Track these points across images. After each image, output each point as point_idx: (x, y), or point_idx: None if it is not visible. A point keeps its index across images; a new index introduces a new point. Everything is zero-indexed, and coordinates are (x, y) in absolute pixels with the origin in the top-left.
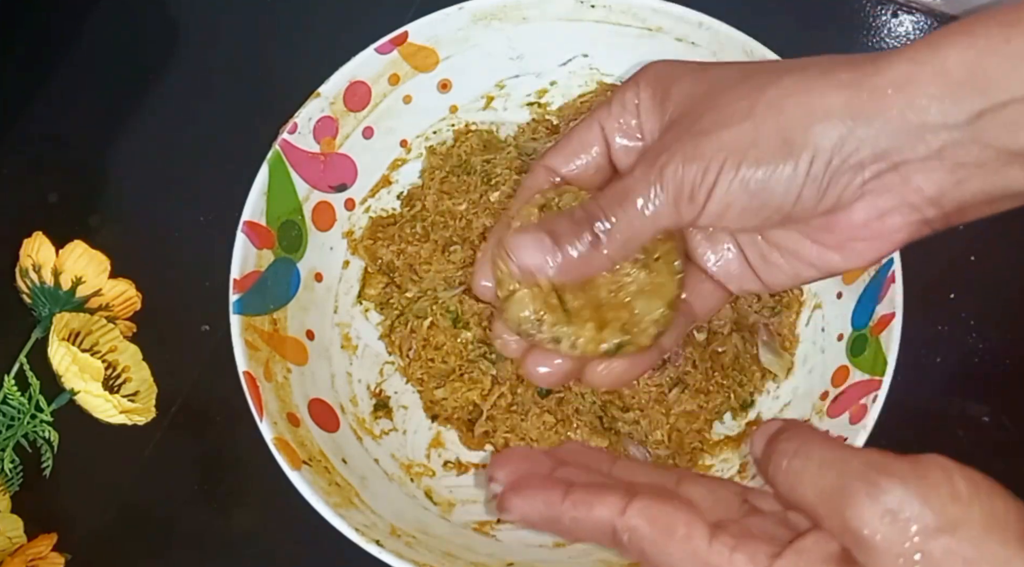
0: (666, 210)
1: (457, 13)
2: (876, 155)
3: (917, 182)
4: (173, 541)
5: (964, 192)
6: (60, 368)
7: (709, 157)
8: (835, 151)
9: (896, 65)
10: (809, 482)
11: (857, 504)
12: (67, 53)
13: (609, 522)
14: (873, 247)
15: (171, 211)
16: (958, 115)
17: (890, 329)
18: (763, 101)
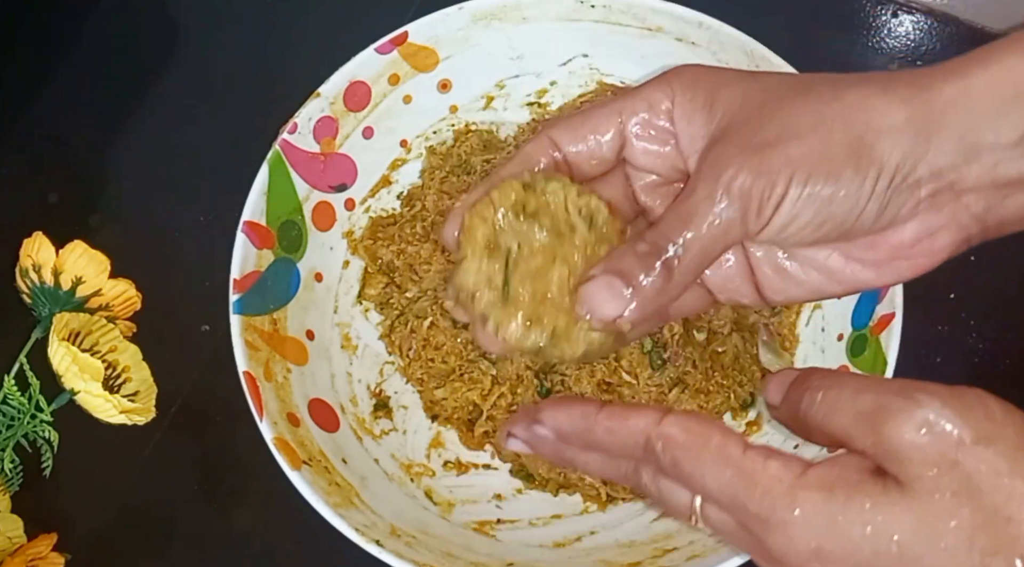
0: (735, 225)
1: (457, 13)
2: (933, 174)
3: (968, 200)
4: (173, 541)
5: (1007, 208)
6: (60, 368)
7: (777, 170)
8: (898, 169)
9: (951, 81)
10: (845, 408)
11: (895, 417)
12: (67, 53)
13: (644, 431)
14: (915, 265)
15: (171, 211)
16: (1009, 134)
17: (890, 329)
18: (828, 115)
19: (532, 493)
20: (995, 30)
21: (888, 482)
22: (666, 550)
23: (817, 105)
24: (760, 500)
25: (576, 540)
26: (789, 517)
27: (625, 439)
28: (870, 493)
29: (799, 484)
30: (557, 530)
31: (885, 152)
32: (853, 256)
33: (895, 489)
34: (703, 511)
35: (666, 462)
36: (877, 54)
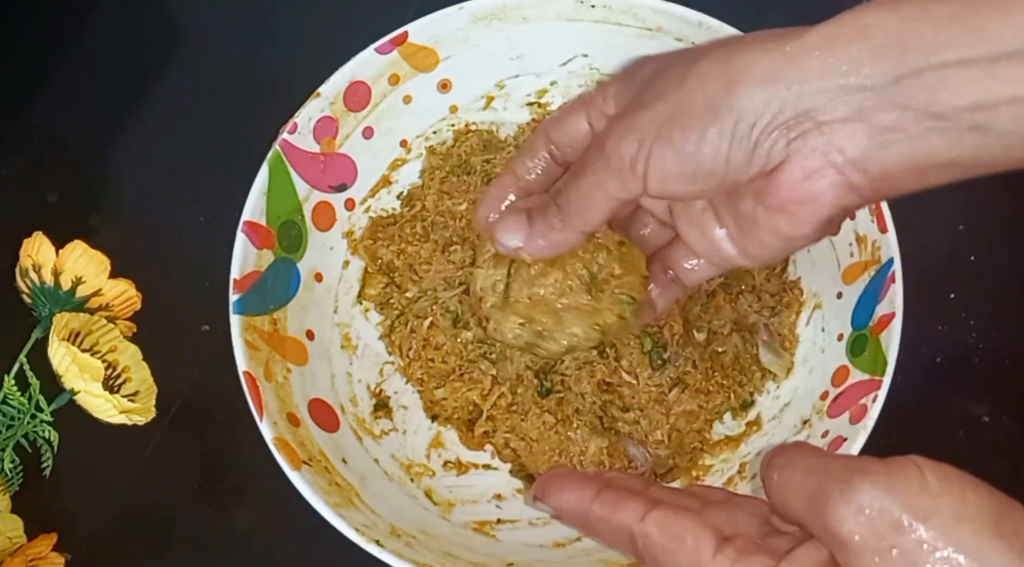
0: (612, 182)
1: (457, 13)
2: (799, 115)
3: (840, 142)
4: (173, 541)
5: (887, 157)
6: (60, 368)
7: (644, 128)
8: (759, 113)
9: (819, 29)
10: (795, 490)
11: (832, 504)
12: (67, 53)
13: (628, 526)
14: (806, 210)
15: (171, 211)
16: (877, 78)
17: (890, 329)
18: (693, 71)
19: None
20: None
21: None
22: None
23: (688, 64)
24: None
25: (576, 540)
26: None
27: (613, 531)
28: None
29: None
30: (557, 530)
31: (742, 98)
32: (763, 204)
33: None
34: None
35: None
36: None
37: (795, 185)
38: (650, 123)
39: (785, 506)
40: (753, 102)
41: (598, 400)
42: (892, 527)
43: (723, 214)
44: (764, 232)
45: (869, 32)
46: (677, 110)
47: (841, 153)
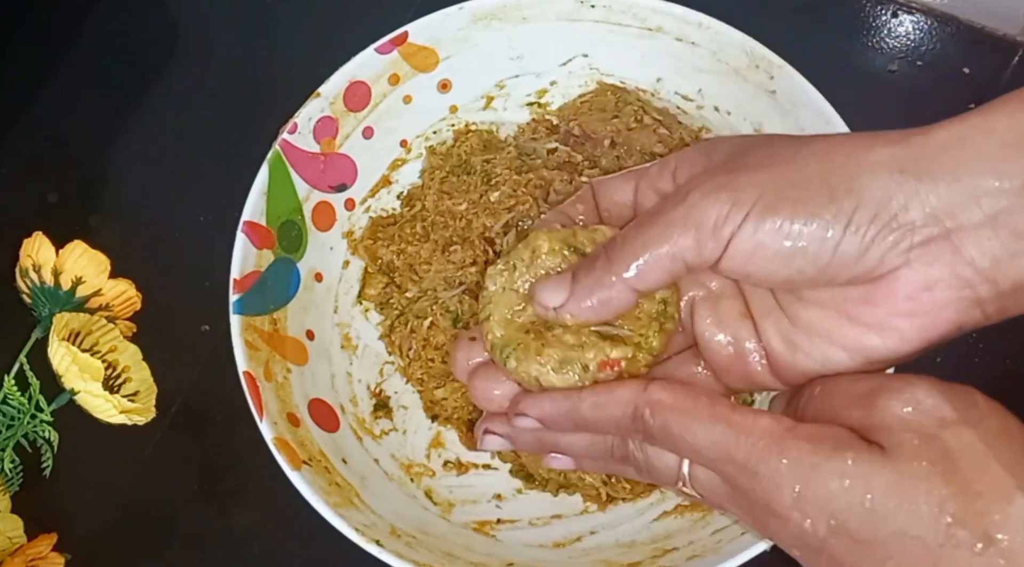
0: (686, 240)
1: (457, 13)
2: (927, 216)
3: (969, 252)
4: (173, 541)
5: (1022, 267)
6: (60, 368)
7: (742, 189)
8: (882, 204)
9: (946, 127)
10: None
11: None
12: (67, 53)
13: (631, 400)
14: (917, 326)
15: (171, 211)
16: (1015, 179)
17: None
18: (807, 149)
19: (532, 493)
20: (995, 30)
21: (873, 447)
22: (666, 550)
23: (796, 143)
24: (749, 450)
25: (576, 540)
26: (776, 465)
27: (612, 410)
28: (854, 450)
29: (788, 435)
30: (557, 530)
31: (865, 184)
32: (851, 315)
33: (877, 452)
34: (691, 472)
35: (655, 427)
36: (877, 54)
37: (913, 296)
38: (750, 186)
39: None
40: (878, 190)
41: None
42: (937, 422)
43: (769, 325)
44: (837, 350)
45: (999, 130)
46: (786, 181)
47: (971, 264)
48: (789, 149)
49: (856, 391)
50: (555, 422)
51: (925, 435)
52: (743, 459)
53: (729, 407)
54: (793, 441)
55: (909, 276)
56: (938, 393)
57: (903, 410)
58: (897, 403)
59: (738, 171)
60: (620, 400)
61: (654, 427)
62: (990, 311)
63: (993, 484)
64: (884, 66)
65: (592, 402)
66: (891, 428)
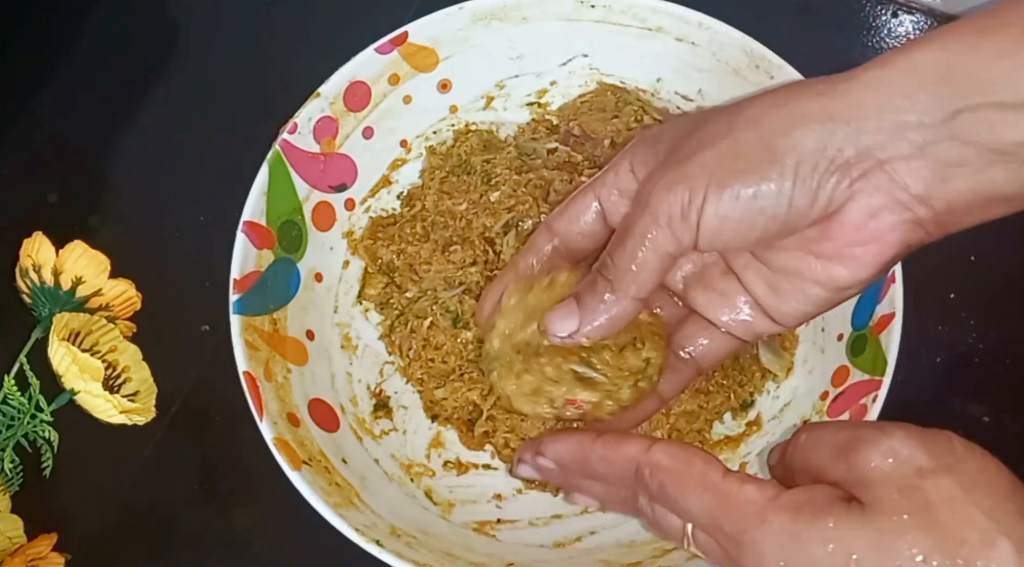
0: (662, 237)
1: (457, 13)
2: (860, 153)
3: (904, 179)
4: (173, 541)
5: (951, 191)
6: (60, 368)
7: (694, 176)
8: (819, 153)
9: (869, 70)
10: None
11: (865, 446)
12: (67, 53)
13: (634, 459)
14: (871, 252)
15: (171, 211)
16: (934, 113)
17: (890, 329)
18: (740, 119)
19: (532, 493)
20: None
21: (852, 505)
22: (666, 550)
23: (730, 114)
24: (734, 520)
25: (576, 540)
26: (759, 535)
27: (618, 466)
28: (834, 513)
29: (770, 506)
30: (557, 530)
31: (799, 139)
32: (816, 252)
33: (857, 510)
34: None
35: (654, 488)
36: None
37: (861, 225)
38: (700, 170)
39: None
40: (813, 141)
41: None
42: (915, 472)
43: (750, 276)
44: (811, 285)
45: (919, 69)
46: (729, 155)
47: (906, 189)
48: (724, 123)
49: (837, 442)
50: (569, 469)
51: (904, 487)
52: (729, 529)
53: (720, 474)
54: (775, 512)
55: (854, 208)
56: (915, 442)
57: (882, 462)
58: (875, 454)
59: (685, 160)
60: (624, 457)
61: (653, 488)
62: (931, 229)
63: (975, 531)
64: None
65: (600, 456)
66: (871, 482)
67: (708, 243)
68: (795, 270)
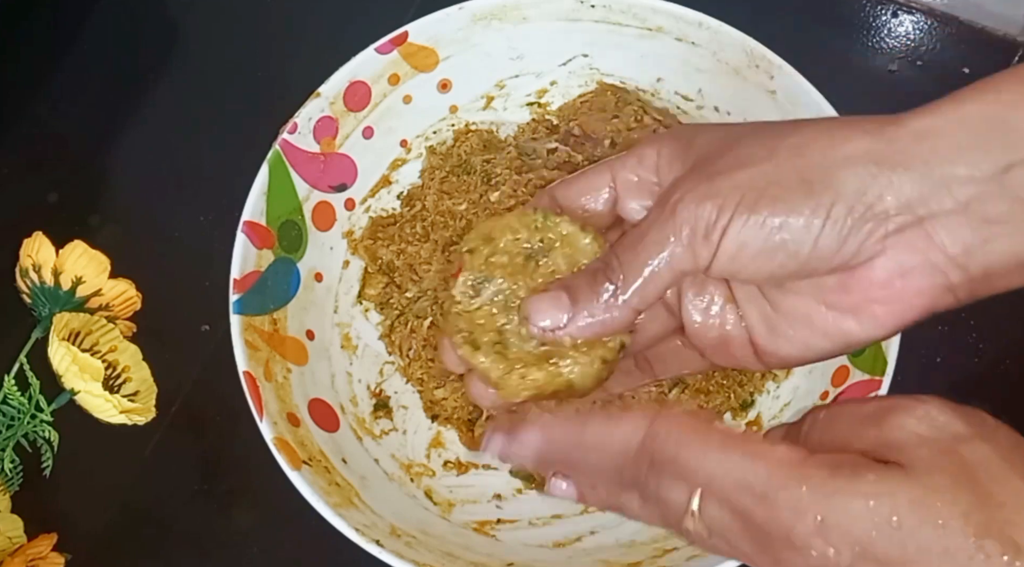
0: (680, 251)
1: (457, 13)
2: (900, 205)
3: (941, 239)
4: (173, 541)
5: (991, 253)
6: (60, 368)
7: (725, 194)
8: (858, 197)
9: (919, 117)
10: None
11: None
12: (67, 53)
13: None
14: (892, 312)
15: (171, 211)
16: (985, 167)
17: None
18: (784, 145)
19: (532, 493)
20: (995, 30)
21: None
22: (666, 550)
23: (773, 138)
24: (768, 478)
25: (576, 540)
26: (796, 492)
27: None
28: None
29: (807, 463)
30: (557, 530)
31: (841, 179)
32: (829, 302)
33: (897, 469)
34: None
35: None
36: (877, 54)
37: (887, 283)
38: (732, 189)
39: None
40: (853, 183)
41: (598, 401)
42: (952, 438)
43: (752, 312)
44: (816, 335)
45: (971, 120)
46: (765, 180)
47: (943, 250)
48: (767, 146)
49: (864, 413)
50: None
51: (942, 449)
52: (761, 488)
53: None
54: (813, 468)
55: (884, 264)
56: (950, 410)
57: (918, 426)
58: (911, 420)
59: (718, 176)
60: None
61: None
62: (961, 295)
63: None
64: (884, 66)
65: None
66: (908, 444)
67: (720, 268)
68: (802, 316)
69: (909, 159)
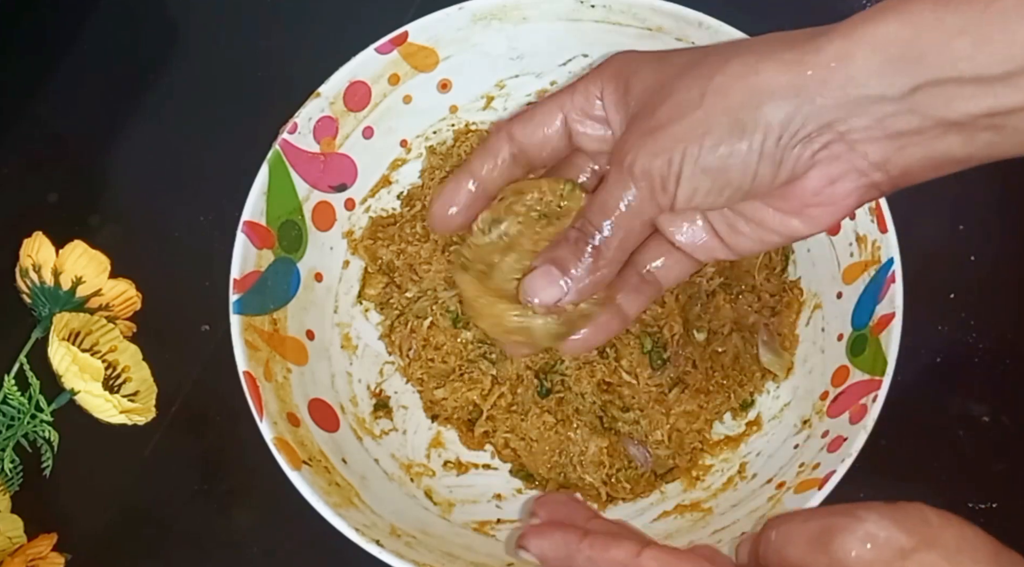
0: (645, 204)
1: (457, 13)
2: (822, 127)
3: (863, 149)
4: (173, 541)
5: (907, 157)
6: (60, 368)
7: (670, 148)
8: (784, 128)
9: (835, 41)
10: (797, 538)
11: (841, 533)
12: (67, 53)
13: (623, 562)
14: (828, 212)
15: (171, 211)
16: (895, 88)
17: (890, 329)
18: (711, 88)
19: (532, 493)
20: None
21: None
22: None
23: (701, 80)
24: None
25: None
26: None
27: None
28: None
29: None
30: None
31: (767, 115)
32: (775, 207)
33: None
34: None
35: None
36: None
37: (819, 190)
38: (674, 142)
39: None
40: (778, 117)
41: (598, 400)
42: (898, 553)
43: (715, 217)
44: (768, 232)
45: (884, 43)
46: (701, 127)
47: (864, 158)
48: (697, 88)
49: (810, 533)
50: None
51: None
52: None
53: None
54: None
55: (815, 176)
56: (888, 522)
57: (863, 550)
58: (853, 542)
59: (659, 131)
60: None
61: None
62: (885, 189)
63: None
64: None
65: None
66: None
67: (682, 206)
68: (754, 217)
69: (827, 87)
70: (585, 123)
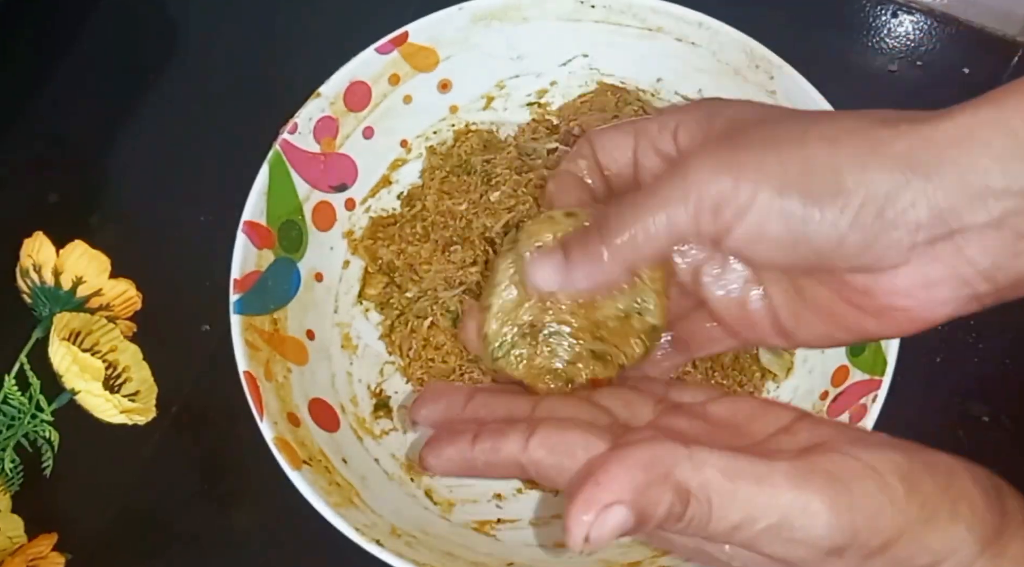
0: (683, 218)
1: (457, 13)
2: (932, 217)
3: (972, 253)
4: (173, 541)
5: (1021, 265)
6: (60, 368)
7: (746, 172)
8: (889, 201)
9: (956, 118)
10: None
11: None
12: (67, 53)
13: (516, 459)
14: (913, 319)
15: (171, 211)
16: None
17: None
18: (815, 131)
19: (532, 493)
20: (995, 30)
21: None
22: (665, 550)
23: (805, 122)
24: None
25: None
26: None
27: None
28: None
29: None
30: (557, 530)
31: (873, 181)
32: (851, 301)
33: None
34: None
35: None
36: (877, 54)
37: (912, 293)
38: (756, 169)
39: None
40: (886, 186)
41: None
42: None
43: (777, 295)
44: (837, 328)
45: (1011, 127)
46: (794, 166)
47: (972, 265)
48: (796, 129)
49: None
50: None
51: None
52: None
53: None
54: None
55: (909, 274)
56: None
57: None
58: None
59: (741, 149)
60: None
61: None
62: (987, 303)
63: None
64: (884, 66)
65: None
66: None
67: (737, 248)
68: (825, 309)
69: (944, 167)
70: (651, 154)
